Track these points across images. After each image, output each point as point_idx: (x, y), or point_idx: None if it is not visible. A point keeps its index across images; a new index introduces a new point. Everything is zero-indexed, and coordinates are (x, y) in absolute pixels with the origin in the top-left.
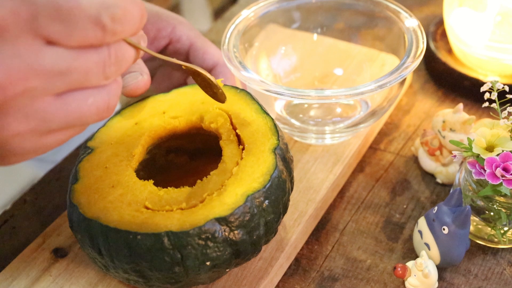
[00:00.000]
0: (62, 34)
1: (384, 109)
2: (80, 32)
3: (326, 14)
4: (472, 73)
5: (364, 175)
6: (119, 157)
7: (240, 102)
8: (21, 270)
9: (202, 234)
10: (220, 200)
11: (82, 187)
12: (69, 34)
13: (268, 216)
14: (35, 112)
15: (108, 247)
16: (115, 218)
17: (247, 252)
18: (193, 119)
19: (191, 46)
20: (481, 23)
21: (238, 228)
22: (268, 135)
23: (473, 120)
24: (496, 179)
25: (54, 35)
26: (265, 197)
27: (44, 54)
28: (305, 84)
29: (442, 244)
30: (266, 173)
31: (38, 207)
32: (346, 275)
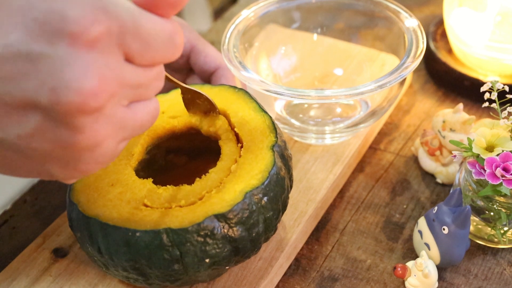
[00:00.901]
0: (139, 52)
1: (384, 109)
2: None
3: (326, 14)
4: (472, 73)
5: (364, 175)
6: (118, 156)
7: (238, 101)
8: (21, 270)
9: (201, 231)
10: (219, 197)
11: (82, 185)
12: (144, 54)
13: (267, 213)
14: (116, 119)
15: (108, 245)
16: (114, 216)
17: (246, 249)
18: (192, 121)
19: (192, 49)
20: (481, 23)
21: (237, 225)
22: (266, 132)
23: (473, 120)
24: (496, 179)
25: (132, 52)
26: (263, 193)
27: (125, 67)
28: (305, 84)
29: (442, 244)
30: (265, 170)
31: (38, 207)
32: (346, 275)
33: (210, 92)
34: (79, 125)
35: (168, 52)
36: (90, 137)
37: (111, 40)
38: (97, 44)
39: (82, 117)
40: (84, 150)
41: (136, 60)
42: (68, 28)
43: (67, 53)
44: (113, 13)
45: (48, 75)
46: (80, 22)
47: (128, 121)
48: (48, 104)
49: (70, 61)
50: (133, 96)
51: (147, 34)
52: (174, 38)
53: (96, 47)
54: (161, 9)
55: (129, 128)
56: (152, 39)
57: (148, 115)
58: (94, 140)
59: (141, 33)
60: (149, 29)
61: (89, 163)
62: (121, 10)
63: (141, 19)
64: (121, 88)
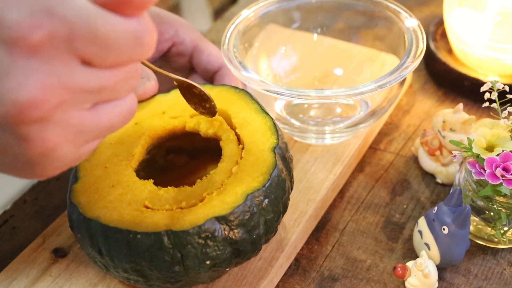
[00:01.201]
0: (98, 56)
1: (384, 109)
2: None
3: (326, 14)
4: (472, 73)
5: (364, 175)
6: (119, 157)
7: (239, 101)
8: (21, 270)
9: (202, 233)
10: (220, 199)
11: (82, 187)
12: (105, 57)
13: (268, 215)
14: (72, 125)
15: (108, 247)
16: (115, 218)
17: (247, 251)
18: (191, 125)
19: (195, 48)
20: (481, 23)
21: (238, 227)
22: (267, 134)
23: (473, 120)
24: (496, 179)
25: (89, 56)
26: (264, 196)
27: (79, 72)
28: (305, 84)
29: (442, 244)
30: (266, 172)
31: (38, 207)
32: (346, 275)
33: (211, 92)
34: (23, 135)
35: (135, 53)
36: (38, 145)
37: (57, 45)
38: (39, 51)
39: (25, 127)
40: (36, 157)
41: (96, 63)
42: (6, 34)
43: (5, 61)
44: (60, 15)
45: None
46: (19, 27)
47: (90, 125)
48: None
49: (8, 70)
50: (96, 99)
51: (105, 37)
52: (141, 37)
53: (38, 54)
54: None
55: (93, 131)
56: (112, 42)
57: (119, 116)
58: (44, 148)
59: (97, 36)
60: (107, 31)
61: (45, 168)
62: (71, 11)
63: (97, 20)
64: (75, 94)
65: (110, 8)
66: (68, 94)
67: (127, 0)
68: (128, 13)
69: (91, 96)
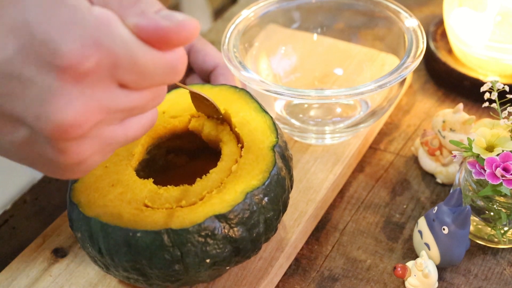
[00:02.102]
0: (134, 82)
1: (384, 109)
2: (150, 82)
3: (326, 14)
4: (472, 73)
5: (364, 175)
6: (119, 157)
7: (239, 101)
8: (21, 270)
9: (201, 231)
10: (220, 197)
11: (82, 186)
12: (141, 83)
13: (267, 213)
14: (104, 139)
15: (108, 245)
16: (115, 216)
17: (247, 249)
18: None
19: (191, 48)
20: (481, 23)
21: (237, 225)
22: (267, 133)
23: (473, 120)
24: (496, 179)
25: (127, 82)
26: (264, 194)
27: (117, 95)
28: (305, 84)
29: (442, 244)
30: (265, 170)
31: (38, 207)
32: (346, 275)
33: (211, 91)
34: (62, 148)
35: (169, 79)
36: (73, 157)
37: (102, 73)
38: (85, 78)
39: (64, 143)
40: (69, 166)
41: (132, 87)
42: (58, 62)
43: (54, 85)
44: (107, 46)
45: (34, 101)
46: (71, 58)
47: (118, 137)
48: (32, 126)
49: (56, 92)
50: (128, 116)
51: (144, 67)
52: (175, 66)
53: (84, 81)
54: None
55: (119, 142)
56: (149, 70)
57: (142, 127)
58: (78, 159)
59: (137, 66)
60: (146, 62)
61: (76, 172)
62: (116, 43)
63: (138, 53)
64: (111, 114)
65: (150, 43)
66: (105, 114)
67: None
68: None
69: (123, 114)
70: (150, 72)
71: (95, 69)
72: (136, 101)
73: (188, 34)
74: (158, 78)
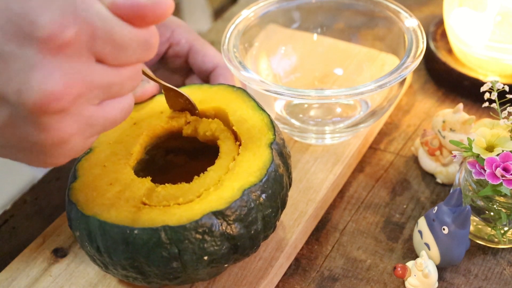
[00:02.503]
0: (111, 55)
1: (384, 109)
2: (126, 56)
3: (326, 14)
4: (472, 73)
5: (364, 175)
6: (117, 156)
7: (237, 99)
8: (21, 270)
9: (199, 228)
10: (217, 194)
11: (81, 185)
12: (117, 57)
13: (265, 210)
14: (84, 118)
15: (106, 243)
16: (113, 214)
17: (245, 247)
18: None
19: (191, 48)
20: (481, 23)
21: (235, 222)
22: (264, 130)
23: (473, 120)
24: (496, 179)
25: (104, 55)
26: (261, 191)
27: (95, 69)
28: (305, 84)
29: (442, 244)
30: (263, 167)
31: (38, 207)
32: (346, 275)
33: (209, 91)
34: (44, 124)
35: (142, 55)
36: (55, 135)
37: (80, 45)
38: (64, 49)
39: (46, 117)
40: (51, 146)
41: (109, 61)
42: (37, 34)
43: (35, 57)
44: (84, 18)
45: (16, 76)
46: (49, 28)
47: (97, 119)
48: (15, 102)
49: (37, 65)
50: (105, 95)
51: (120, 40)
52: (149, 41)
53: (63, 52)
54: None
55: (99, 125)
56: (125, 44)
57: (121, 112)
58: (59, 138)
59: (113, 39)
60: (123, 35)
61: (57, 157)
62: (93, 16)
63: (115, 26)
64: (90, 89)
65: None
66: (85, 88)
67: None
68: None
69: (102, 91)
70: (126, 46)
71: (74, 40)
72: (114, 77)
73: (163, 11)
74: (133, 53)
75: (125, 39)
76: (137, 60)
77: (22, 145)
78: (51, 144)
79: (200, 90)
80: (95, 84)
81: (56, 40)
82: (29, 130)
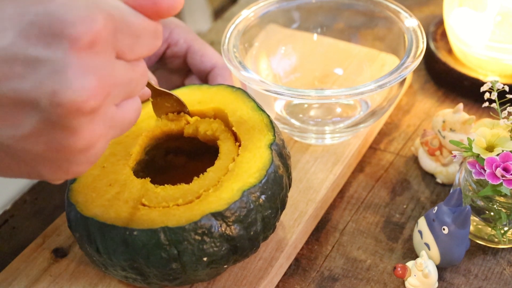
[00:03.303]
0: (129, 48)
1: (384, 109)
2: (141, 48)
3: (326, 14)
4: (472, 73)
5: (364, 175)
6: (116, 157)
7: (236, 100)
8: (21, 270)
9: (198, 229)
10: (216, 195)
11: (80, 186)
12: (134, 49)
13: (265, 211)
14: (108, 119)
15: (106, 245)
16: (112, 215)
17: (244, 248)
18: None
19: (189, 48)
20: (481, 23)
21: (234, 223)
22: (264, 131)
23: (473, 120)
24: (496, 179)
25: (123, 49)
26: (261, 192)
27: (117, 66)
28: (305, 84)
29: (442, 244)
30: (262, 168)
31: (38, 207)
32: (346, 275)
33: (208, 92)
34: (77, 126)
35: (153, 45)
36: (86, 137)
37: (107, 40)
38: (95, 45)
39: (80, 118)
40: (78, 152)
41: (127, 55)
42: (67, 31)
43: (67, 56)
44: (107, 11)
45: (48, 78)
46: (79, 25)
47: (118, 120)
48: (48, 105)
49: (70, 64)
50: (125, 94)
51: (136, 29)
52: (158, 31)
53: (93, 49)
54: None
55: (118, 127)
56: (140, 34)
57: (135, 112)
58: (89, 141)
59: (131, 29)
60: (137, 24)
61: (81, 164)
62: (112, 8)
63: (130, 15)
64: (115, 87)
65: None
66: (112, 86)
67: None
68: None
69: (123, 89)
70: (141, 36)
71: (102, 36)
72: (132, 73)
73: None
74: (147, 44)
75: (140, 29)
76: (149, 51)
77: (44, 156)
78: (79, 149)
79: (200, 90)
80: (118, 82)
81: (87, 37)
82: (58, 136)
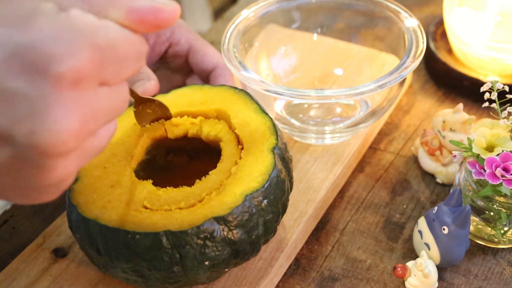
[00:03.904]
0: (115, 74)
1: (384, 109)
2: (126, 71)
3: (326, 14)
4: (472, 73)
5: (364, 175)
6: (117, 157)
7: (239, 102)
8: (21, 270)
9: (200, 233)
10: (219, 199)
11: (81, 187)
12: (119, 74)
13: (267, 215)
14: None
15: (107, 247)
16: (114, 218)
17: (246, 251)
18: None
19: (190, 48)
20: (481, 23)
21: (236, 228)
22: (267, 134)
23: (473, 120)
24: (496, 179)
25: (108, 75)
26: (263, 196)
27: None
28: (305, 84)
29: (442, 244)
30: (265, 172)
31: (38, 207)
32: (346, 275)
33: (210, 92)
34: (48, 166)
35: (136, 67)
36: (58, 176)
37: (92, 73)
38: (80, 82)
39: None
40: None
41: (111, 81)
42: (52, 68)
43: (48, 95)
44: (95, 44)
45: (26, 116)
46: (64, 61)
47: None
48: (23, 143)
49: (52, 103)
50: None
51: (121, 55)
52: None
53: (78, 86)
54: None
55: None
56: (126, 58)
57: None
58: (62, 177)
59: (117, 56)
60: (123, 49)
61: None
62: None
63: (117, 41)
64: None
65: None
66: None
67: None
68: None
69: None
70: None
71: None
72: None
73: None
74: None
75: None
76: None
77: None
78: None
79: (201, 91)
80: (101, 112)
81: (72, 74)
82: (29, 172)
